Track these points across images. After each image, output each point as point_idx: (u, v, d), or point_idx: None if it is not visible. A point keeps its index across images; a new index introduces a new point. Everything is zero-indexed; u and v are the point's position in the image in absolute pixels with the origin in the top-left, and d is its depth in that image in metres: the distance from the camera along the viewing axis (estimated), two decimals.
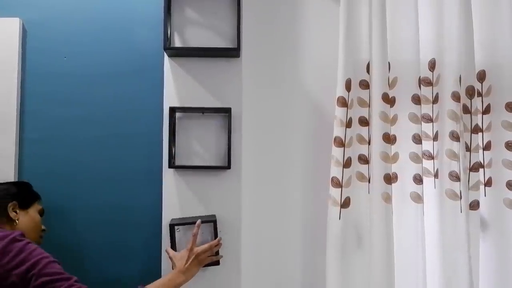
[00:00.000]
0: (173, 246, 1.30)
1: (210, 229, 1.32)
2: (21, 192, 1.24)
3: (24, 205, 1.23)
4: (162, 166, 1.37)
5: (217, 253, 1.32)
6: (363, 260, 1.33)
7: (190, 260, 1.22)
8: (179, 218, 1.35)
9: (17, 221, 1.18)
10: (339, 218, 1.30)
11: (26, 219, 1.21)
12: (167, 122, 1.36)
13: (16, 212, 1.19)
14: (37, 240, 1.22)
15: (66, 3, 1.46)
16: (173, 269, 1.25)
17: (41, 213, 1.29)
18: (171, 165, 1.34)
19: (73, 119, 1.44)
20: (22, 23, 1.44)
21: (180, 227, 1.31)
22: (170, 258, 1.27)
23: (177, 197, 1.36)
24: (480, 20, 1.37)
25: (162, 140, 1.37)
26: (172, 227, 1.30)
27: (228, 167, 1.34)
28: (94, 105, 1.44)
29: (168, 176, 1.37)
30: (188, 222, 1.31)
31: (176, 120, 1.38)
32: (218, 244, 1.31)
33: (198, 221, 1.27)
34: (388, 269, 1.28)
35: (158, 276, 1.32)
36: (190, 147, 1.38)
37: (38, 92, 1.44)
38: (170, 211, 1.36)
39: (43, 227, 1.28)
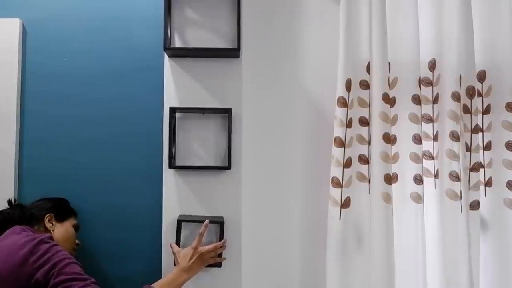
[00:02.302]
0: (178, 242, 1.30)
1: (216, 230, 1.32)
2: (57, 206, 1.32)
3: (60, 218, 1.30)
4: (162, 166, 1.37)
5: (220, 254, 1.32)
6: (363, 260, 1.33)
7: (194, 259, 1.22)
8: (187, 215, 1.35)
9: (52, 232, 1.25)
10: (339, 218, 1.30)
11: (61, 230, 1.28)
12: (167, 123, 1.36)
13: (52, 223, 1.27)
14: (71, 252, 1.25)
15: (66, 3, 1.46)
16: (175, 265, 1.25)
17: (76, 228, 1.34)
18: (171, 165, 1.34)
19: (73, 119, 1.44)
20: (22, 24, 1.44)
21: (187, 224, 1.32)
22: (174, 253, 1.27)
23: (177, 198, 1.36)
24: (480, 20, 1.37)
25: (162, 140, 1.37)
26: (179, 223, 1.30)
27: (228, 167, 1.34)
28: (94, 105, 1.44)
29: (168, 176, 1.37)
30: (195, 220, 1.31)
31: (176, 121, 1.38)
32: (222, 246, 1.31)
33: (206, 221, 1.27)
34: (388, 269, 1.28)
35: (159, 276, 1.32)
36: (190, 147, 1.38)
37: (38, 92, 1.44)
38: (171, 211, 1.36)
39: (77, 241, 1.34)
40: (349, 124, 1.32)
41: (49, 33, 1.45)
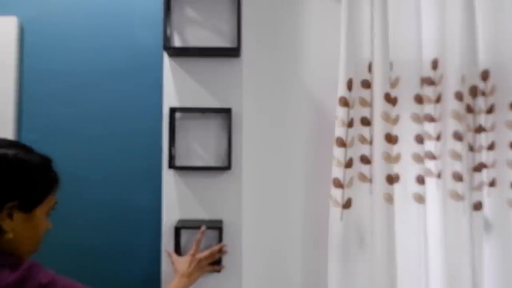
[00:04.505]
0: (177, 249, 1.29)
1: (215, 236, 1.31)
2: (28, 183, 0.79)
3: (30, 205, 0.79)
4: (162, 166, 1.35)
5: (219, 261, 1.30)
6: (365, 261, 1.32)
7: (192, 266, 1.21)
8: (184, 220, 1.33)
9: (10, 235, 0.76)
10: (341, 219, 1.29)
11: (26, 228, 0.79)
12: (167, 123, 1.35)
13: (11, 216, 0.76)
14: (33, 250, 0.85)
15: (64, 1, 1.44)
16: (174, 273, 1.23)
17: (53, 207, 0.89)
18: (171, 165, 1.33)
19: (71, 119, 1.42)
20: (19, 22, 1.42)
21: (185, 230, 1.30)
22: (173, 262, 1.25)
23: (177, 198, 1.35)
24: (483, 19, 1.36)
25: (162, 140, 1.36)
26: (177, 230, 1.29)
27: (228, 167, 1.32)
28: (93, 105, 1.43)
29: (168, 176, 1.35)
30: (193, 226, 1.29)
31: (176, 121, 1.37)
32: (220, 251, 1.29)
33: (203, 227, 1.26)
34: (391, 270, 1.27)
35: (158, 277, 1.31)
36: (190, 147, 1.37)
37: (36, 91, 1.42)
38: (170, 212, 1.34)
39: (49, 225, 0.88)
40: (350, 124, 1.31)
41: (46, 32, 1.43)
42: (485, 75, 1.38)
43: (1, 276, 0.71)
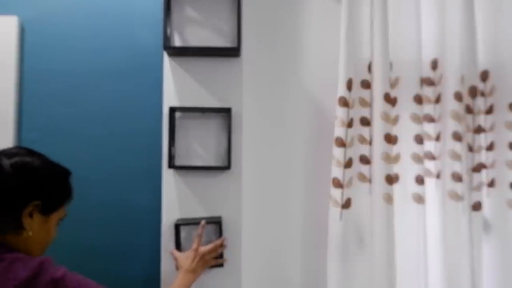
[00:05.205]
0: (178, 246, 1.29)
1: (215, 231, 1.31)
2: (51, 188, 0.85)
3: (49, 209, 0.85)
4: (162, 166, 1.36)
5: (221, 255, 1.31)
6: (364, 261, 1.33)
7: (196, 260, 1.21)
8: (184, 219, 1.34)
9: (30, 233, 0.80)
10: (340, 219, 1.29)
11: (41, 229, 0.84)
12: (166, 122, 1.35)
13: (32, 215, 0.81)
14: (38, 254, 0.89)
15: (64, 1, 1.45)
16: (177, 269, 1.24)
17: (63, 218, 0.95)
18: (171, 165, 1.33)
19: (71, 119, 1.43)
20: (20, 22, 1.42)
21: (185, 227, 1.30)
22: (175, 259, 1.25)
23: (177, 198, 1.35)
24: (483, 19, 1.36)
25: (162, 140, 1.36)
26: (177, 227, 1.29)
27: (228, 167, 1.33)
28: (93, 104, 1.43)
29: (168, 176, 1.35)
30: (193, 222, 1.30)
31: (176, 120, 1.37)
32: (222, 245, 1.30)
33: (203, 222, 1.26)
34: (390, 270, 1.27)
35: (158, 277, 1.31)
36: (190, 147, 1.37)
37: (36, 91, 1.43)
38: (170, 211, 1.35)
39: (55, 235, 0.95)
40: (350, 124, 1.31)
41: (47, 31, 1.43)
42: (484, 76, 1.38)
43: (14, 272, 0.73)
